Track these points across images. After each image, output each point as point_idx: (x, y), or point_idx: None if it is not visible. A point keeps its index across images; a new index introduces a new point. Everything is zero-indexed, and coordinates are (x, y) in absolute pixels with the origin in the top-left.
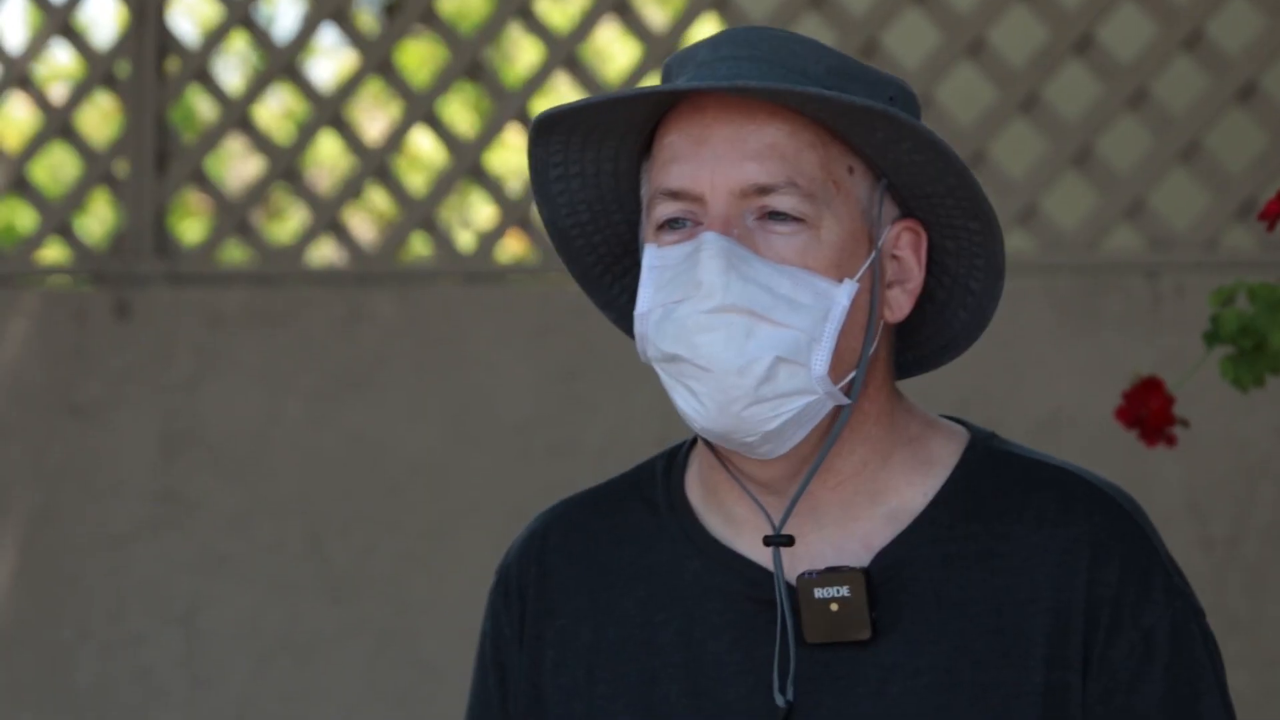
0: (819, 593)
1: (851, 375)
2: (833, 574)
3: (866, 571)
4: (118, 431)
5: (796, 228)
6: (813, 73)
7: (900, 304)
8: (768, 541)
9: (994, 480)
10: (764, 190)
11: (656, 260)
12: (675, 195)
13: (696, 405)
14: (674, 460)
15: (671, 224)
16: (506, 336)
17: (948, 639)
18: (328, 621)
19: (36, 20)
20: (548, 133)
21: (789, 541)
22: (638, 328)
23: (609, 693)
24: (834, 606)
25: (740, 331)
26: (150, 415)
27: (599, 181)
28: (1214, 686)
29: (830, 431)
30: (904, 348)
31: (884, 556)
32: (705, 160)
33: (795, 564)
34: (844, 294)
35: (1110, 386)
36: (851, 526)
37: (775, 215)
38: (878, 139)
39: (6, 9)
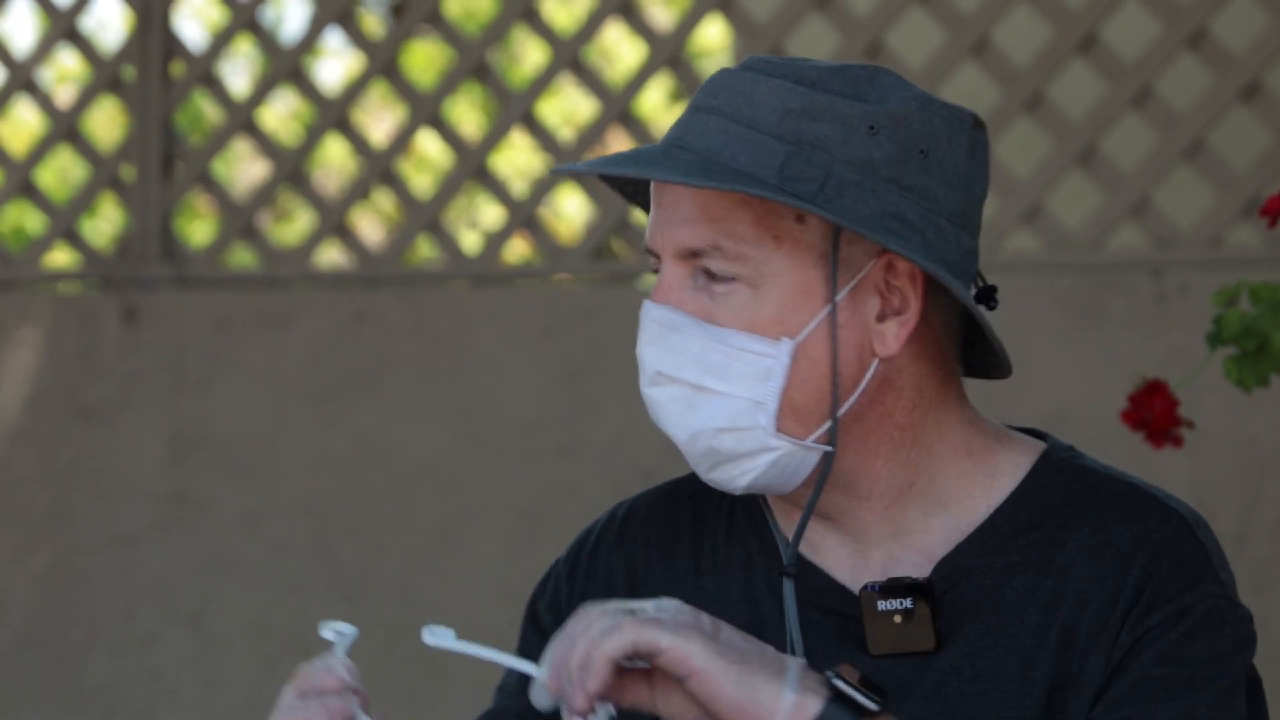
0: (882, 605)
1: (827, 425)
2: (895, 586)
3: (929, 583)
4: (126, 434)
5: (732, 287)
6: (763, 120)
7: (893, 337)
8: (781, 572)
9: (1060, 492)
10: (695, 254)
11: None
12: (649, 251)
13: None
14: None
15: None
16: (513, 338)
17: (1001, 642)
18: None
19: (43, 24)
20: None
21: (792, 574)
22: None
23: None
24: (897, 619)
25: (682, 404)
26: (158, 418)
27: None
28: (1230, 684)
29: (821, 469)
30: (978, 350)
31: (944, 566)
32: (658, 220)
33: (858, 575)
34: (783, 353)
35: (1116, 385)
36: (908, 540)
37: (712, 275)
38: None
39: (12, 13)
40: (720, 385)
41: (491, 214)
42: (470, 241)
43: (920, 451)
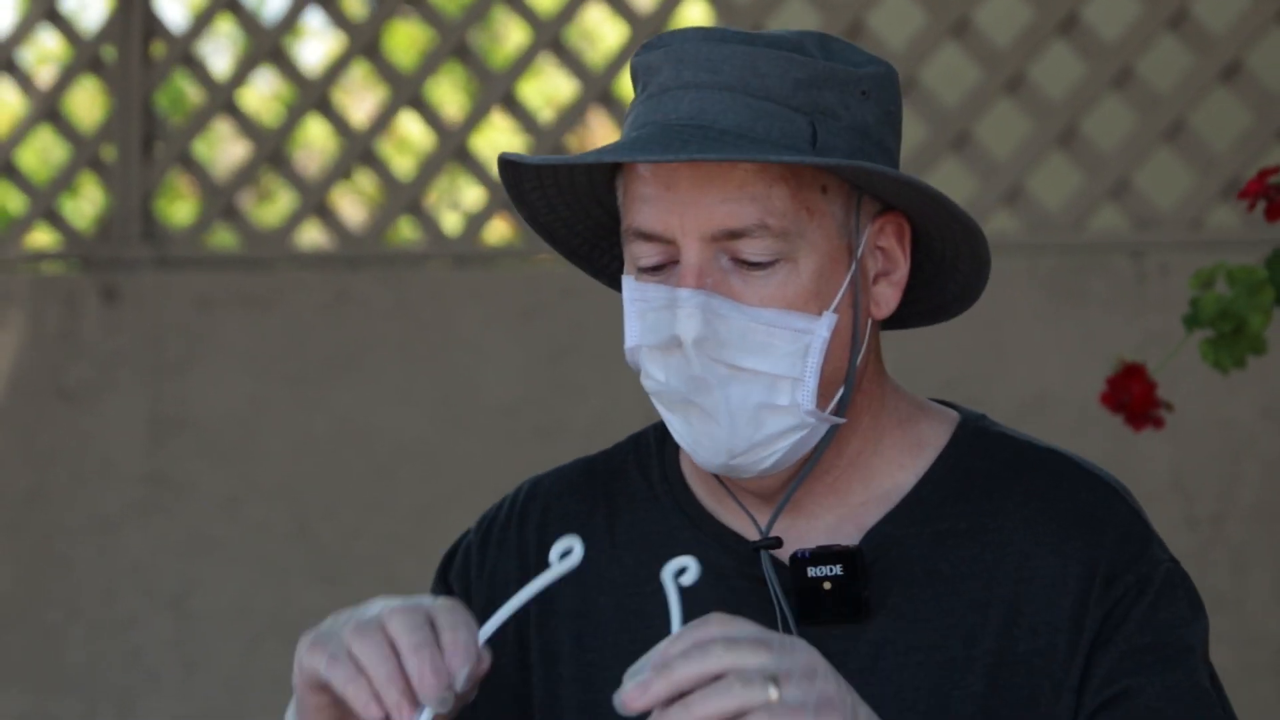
0: (812, 571)
1: (840, 392)
2: (824, 553)
3: (858, 550)
4: (107, 415)
5: (771, 268)
6: (778, 92)
7: (887, 298)
8: (756, 547)
9: (984, 461)
10: (735, 235)
11: (636, 294)
12: (648, 237)
13: (692, 442)
14: (669, 432)
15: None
16: (494, 319)
17: (939, 615)
18: (317, 603)
19: (24, 4)
20: (515, 166)
21: (776, 544)
22: (629, 357)
23: (599, 660)
24: (826, 585)
25: (722, 386)
26: (139, 399)
27: (574, 188)
28: (1196, 643)
29: (819, 446)
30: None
31: (874, 535)
32: (674, 204)
33: (789, 546)
34: (823, 327)
35: (1096, 366)
36: (844, 511)
37: (744, 255)
38: (847, 170)
39: None
40: (763, 365)
41: (472, 195)
42: (451, 222)
43: (870, 419)
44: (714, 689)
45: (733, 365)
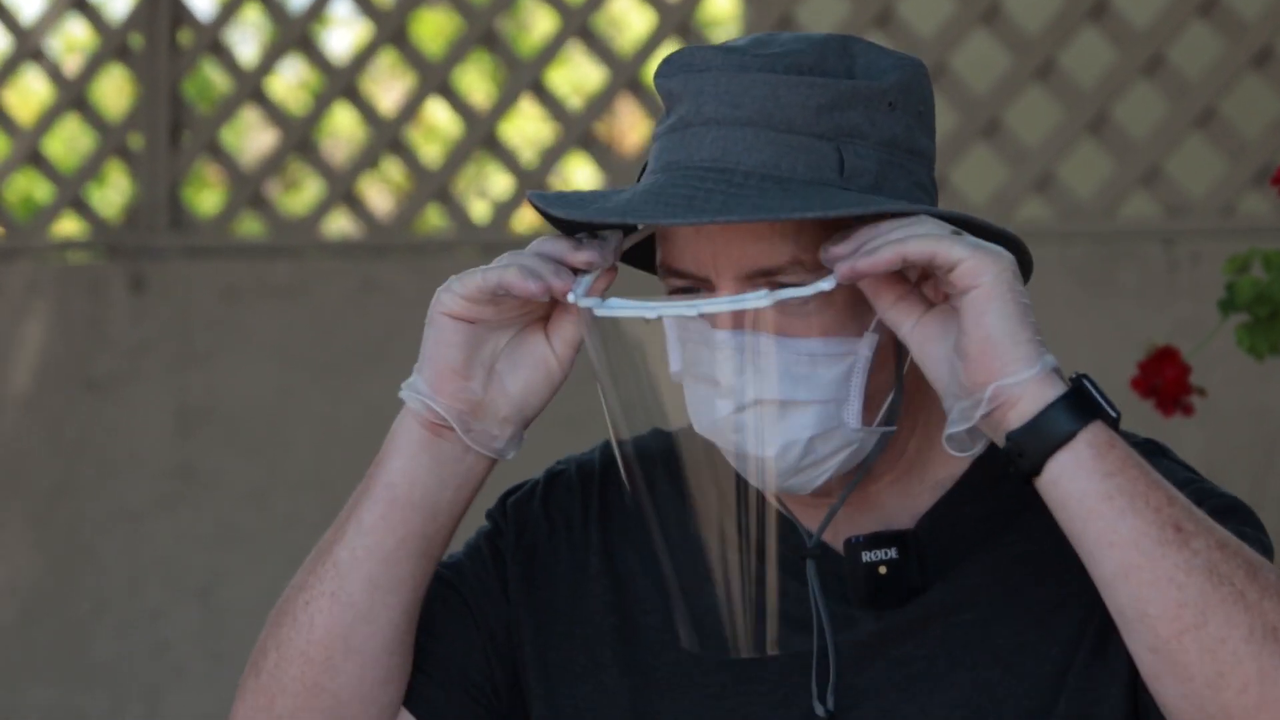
0: (866, 556)
1: (889, 400)
2: (879, 537)
3: (912, 532)
4: (134, 406)
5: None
6: (801, 122)
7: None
8: (802, 556)
9: None
10: (769, 273)
11: (677, 323)
12: (681, 275)
13: (742, 469)
14: None
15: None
16: None
17: (990, 577)
18: None
19: None
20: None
21: (820, 553)
22: (674, 379)
23: (640, 606)
24: (882, 569)
25: (770, 420)
26: (166, 389)
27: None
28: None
29: (872, 453)
30: None
31: (928, 518)
32: (704, 244)
33: (845, 535)
34: (865, 346)
35: (1127, 354)
36: (903, 503)
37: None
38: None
39: None
40: (809, 394)
41: (500, 182)
42: (479, 210)
43: (925, 416)
44: (904, 221)
45: (777, 400)
